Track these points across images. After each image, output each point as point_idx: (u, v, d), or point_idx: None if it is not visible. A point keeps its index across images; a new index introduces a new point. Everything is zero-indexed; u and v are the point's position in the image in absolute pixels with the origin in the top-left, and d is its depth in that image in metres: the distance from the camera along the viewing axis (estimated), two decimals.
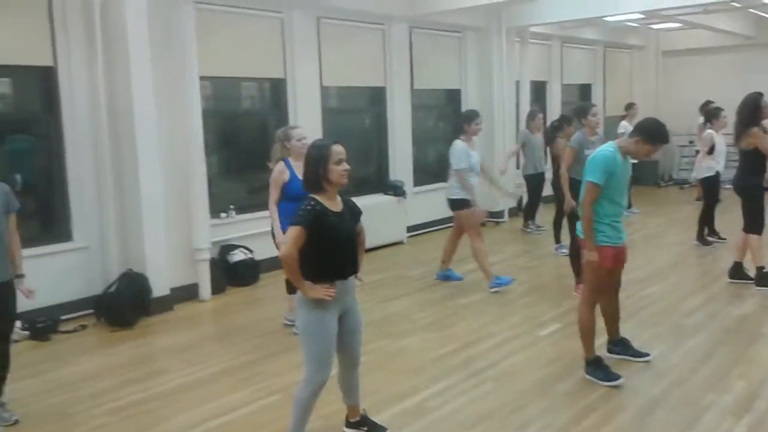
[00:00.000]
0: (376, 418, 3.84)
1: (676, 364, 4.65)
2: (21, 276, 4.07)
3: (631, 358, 4.68)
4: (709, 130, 7.96)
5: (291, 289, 5.35)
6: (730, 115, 7.27)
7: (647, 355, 4.70)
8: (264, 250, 6.64)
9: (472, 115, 6.60)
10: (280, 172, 5.21)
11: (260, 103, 8.32)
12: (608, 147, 4.31)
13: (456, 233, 6.89)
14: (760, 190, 6.23)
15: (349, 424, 3.79)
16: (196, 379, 4.68)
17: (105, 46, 5.96)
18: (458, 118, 6.71)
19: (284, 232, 5.00)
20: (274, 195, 5.22)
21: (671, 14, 10.74)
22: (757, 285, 6.21)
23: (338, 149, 3.32)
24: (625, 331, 4.88)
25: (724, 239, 8.16)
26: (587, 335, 4.42)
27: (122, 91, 6.02)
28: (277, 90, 7.88)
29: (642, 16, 11.10)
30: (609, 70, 13.61)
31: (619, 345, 4.75)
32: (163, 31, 6.25)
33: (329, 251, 3.32)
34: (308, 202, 3.30)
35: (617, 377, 4.32)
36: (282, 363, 4.89)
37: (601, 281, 4.36)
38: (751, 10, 11.53)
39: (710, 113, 8.17)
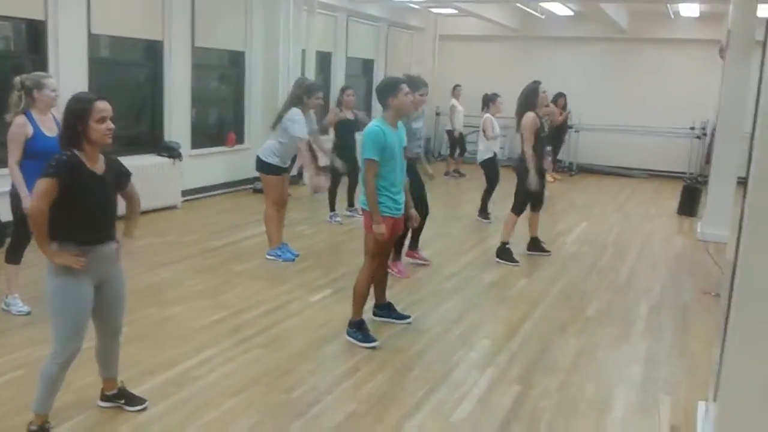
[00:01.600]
0: (137, 390, 3.66)
1: (432, 325, 5.02)
2: None
3: (394, 321, 4.97)
4: (487, 115, 8.54)
5: (12, 257, 4.84)
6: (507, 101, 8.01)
7: (408, 317, 5.02)
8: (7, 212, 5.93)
9: (314, 88, 6.47)
10: (21, 126, 4.51)
11: (14, 46, 7.37)
12: (374, 123, 4.49)
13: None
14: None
15: (104, 398, 3.56)
16: None
17: None
18: (297, 88, 6.45)
19: (14, 193, 4.56)
20: (15, 153, 4.49)
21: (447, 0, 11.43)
22: (498, 256, 6.81)
23: (102, 106, 3.04)
24: (391, 296, 5.14)
25: (489, 221, 8.81)
26: (360, 299, 4.60)
27: None
28: (34, 32, 7.03)
29: None
30: (390, 47, 14.14)
31: (384, 309, 5.01)
32: None
33: (81, 213, 3.04)
34: (63, 154, 3.00)
35: (373, 339, 4.54)
36: (27, 335, 4.44)
37: (381, 249, 4.58)
38: (517, 4, 12.66)
39: (488, 98, 8.79)
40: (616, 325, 5.22)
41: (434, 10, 14.06)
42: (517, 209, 6.80)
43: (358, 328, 4.59)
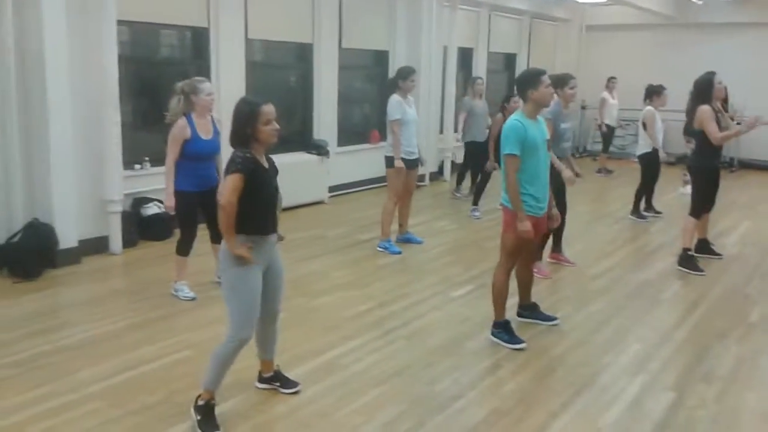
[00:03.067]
0: (290, 374, 3.87)
1: (578, 326, 4.87)
2: None
3: (540, 322, 4.85)
4: (649, 107, 8.09)
5: (182, 250, 5.18)
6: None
7: (555, 318, 4.89)
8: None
9: (407, 72, 6.56)
10: (181, 129, 4.89)
11: (181, 52, 8.01)
12: (514, 117, 4.36)
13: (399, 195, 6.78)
14: (713, 172, 6.26)
15: (262, 380, 3.80)
16: (103, 332, 4.56)
17: None
18: (395, 75, 6.66)
19: (178, 191, 4.95)
20: (173, 152, 4.90)
21: None
22: (680, 265, 6.29)
23: (268, 109, 3.29)
24: (535, 294, 5.05)
25: (660, 213, 8.44)
26: (499, 298, 4.53)
27: (32, 31, 5.66)
28: (199, 39, 7.61)
29: None
30: (534, 40, 13.83)
31: (528, 309, 4.92)
32: None
33: (258, 205, 3.30)
34: (243, 152, 3.27)
35: (521, 341, 4.46)
36: (193, 318, 4.83)
37: (519, 248, 4.44)
38: None
39: (652, 89, 8.25)
40: None
41: (581, 0, 13.57)
42: (696, 212, 6.27)
43: (503, 329, 4.53)
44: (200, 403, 3.41)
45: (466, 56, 12.02)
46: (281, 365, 3.85)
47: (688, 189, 8.46)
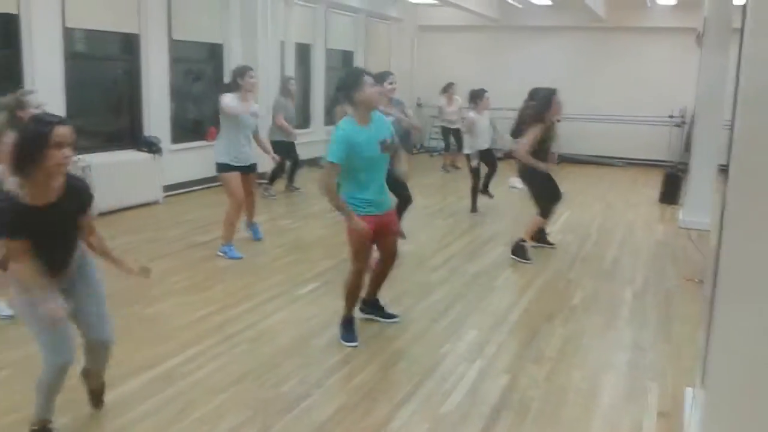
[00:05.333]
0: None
1: (419, 317, 5.02)
2: None
3: (380, 320, 4.85)
4: (471, 113, 8.49)
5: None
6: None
7: (396, 317, 4.89)
8: None
9: (244, 69, 6.30)
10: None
11: None
12: (341, 123, 4.29)
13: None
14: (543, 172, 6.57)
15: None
16: None
17: None
18: (232, 74, 6.39)
19: None
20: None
21: None
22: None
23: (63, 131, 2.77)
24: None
25: (492, 196, 8.95)
26: (351, 297, 4.49)
27: None
28: (9, 27, 6.90)
29: None
30: (369, 39, 14.08)
31: (371, 306, 4.89)
32: None
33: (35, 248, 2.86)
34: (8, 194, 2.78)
35: (353, 340, 4.45)
36: (8, 336, 4.37)
37: (363, 246, 4.37)
38: None
39: (475, 94, 8.62)
40: (602, 312, 5.27)
41: (413, 1, 14.01)
42: (545, 212, 6.65)
43: (347, 325, 4.52)
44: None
45: (304, 53, 11.98)
46: (114, 379, 3.59)
47: (518, 182, 9.09)
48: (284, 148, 9.00)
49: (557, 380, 4.05)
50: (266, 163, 8.40)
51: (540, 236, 7.04)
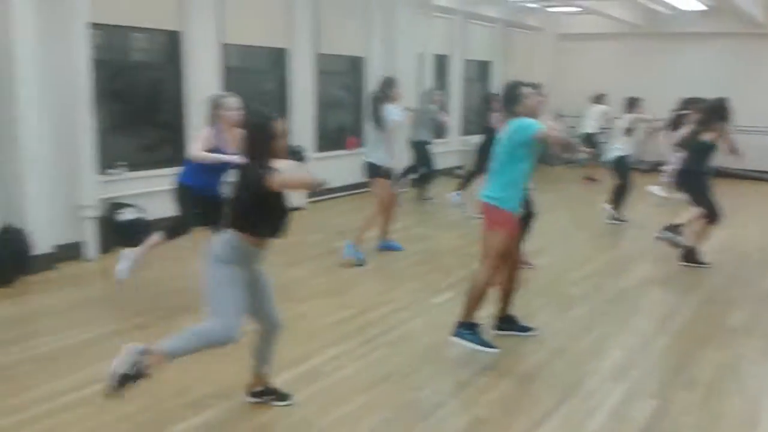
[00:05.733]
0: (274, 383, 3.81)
1: (559, 333, 4.88)
2: None
3: (518, 334, 4.74)
4: (627, 116, 8.31)
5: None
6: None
7: (532, 329, 4.76)
8: (157, 210, 6.38)
9: (393, 80, 6.65)
10: (206, 136, 5.02)
11: (156, 56, 7.90)
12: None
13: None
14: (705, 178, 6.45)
15: (254, 394, 3.70)
16: (81, 340, 4.46)
17: None
18: (382, 86, 6.64)
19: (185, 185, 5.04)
20: (198, 144, 4.98)
21: None
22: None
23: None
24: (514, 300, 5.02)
25: (625, 221, 8.48)
26: (476, 299, 4.33)
27: (1, 33, 5.52)
28: (172, 43, 7.50)
29: None
30: (509, 49, 13.94)
31: (507, 322, 4.77)
32: None
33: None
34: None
35: (492, 345, 4.31)
36: (170, 326, 4.72)
37: (507, 246, 4.35)
38: (641, 0, 12.15)
39: (633, 102, 8.51)
40: (763, 337, 4.89)
41: (552, 9, 13.73)
42: (714, 217, 6.41)
43: (472, 330, 4.32)
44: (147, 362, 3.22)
45: (441, 64, 12.07)
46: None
47: (658, 189, 8.69)
48: (421, 153, 9.14)
49: (712, 407, 3.80)
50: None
51: (692, 255, 6.62)
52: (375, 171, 6.52)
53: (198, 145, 5.01)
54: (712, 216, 6.38)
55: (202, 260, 3.34)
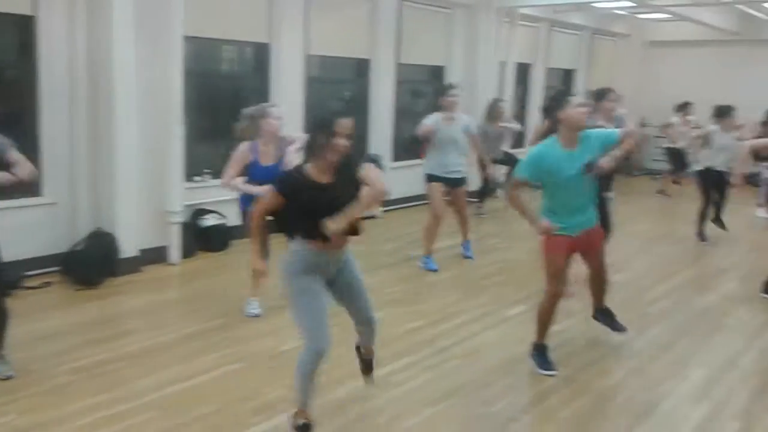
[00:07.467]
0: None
1: (638, 351, 4.72)
2: None
3: (610, 330, 4.71)
4: (713, 127, 7.93)
5: None
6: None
7: (626, 329, 4.71)
8: (236, 217, 6.58)
9: (446, 88, 6.64)
10: (242, 152, 4.96)
11: (243, 66, 8.18)
12: (542, 143, 4.25)
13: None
14: None
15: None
16: (161, 341, 4.65)
17: None
18: (436, 95, 6.73)
19: (244, 210, 5.00)
20: (230, 172, 4.94)
21: (661, 5, 10.75)
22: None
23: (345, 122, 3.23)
24: (586, 317, 4.90)
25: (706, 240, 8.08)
26: (541, 321, 4.38)
27: (103, 44, 5.85)
28: (260, 54, 7.75)
29: (632, 4, 11.10)
30: (593, 57, 13.61)
31: (602, 314, 4.74)
32: None
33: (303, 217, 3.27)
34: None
35: (551, 368, 4.28)
36: (249, 330, 4.87)
37: (554, 266, 4.29)
38: (737, 5, 11.61)
39: (721, 111, 8.01)
40: None
41: (641, 16, 13.30)
42: None
43: (538, 352, 4.38)
44: (297, 422, 3.38)
45: (523, 72, 11.92)
46: (332, 382, 3.85)
47: (764, 212, 8.13)
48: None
49: None
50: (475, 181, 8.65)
51: None
52: (424, 178, 6.70)
53: (230, 171, 4.95)
54: None
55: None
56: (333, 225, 3.13)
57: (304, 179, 3.23)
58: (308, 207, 3.21)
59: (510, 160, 9.25)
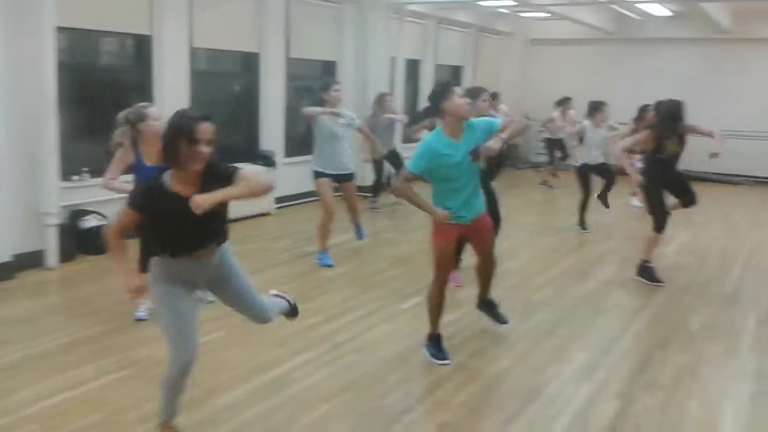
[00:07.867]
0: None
1: (523, 337, 4.92)
2: None
3: (493, 321, 4.86)
4: (586, 122, 8.30)
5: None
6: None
7: (506, 321, 4.86)
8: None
9: (328, 83, 6.57)
10: (124, 152, 4.73)
11: (123, 60, 7.82)
12: (429, 136, 4.34)
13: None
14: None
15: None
16: (40, 351, 4.37)
17: None
18: (318, 89, 6.65)
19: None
20: (112, 172, 4.74)
21: (542, 4, 11.24)
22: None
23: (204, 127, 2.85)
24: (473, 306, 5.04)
25: (587, 230, 8.45)
26: (432, 312, 4.46)
27: None
28: (141, 47, 7.43)
29: (514, 3, 11.53)
30: (479, 54, 14.03)
31: (486, 305, 4.87)
32: None
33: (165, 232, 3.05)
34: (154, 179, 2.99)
35: (445, 357, 4.38)
36: (134, 336, 4.67)
37: (442, 257, 4.38)
38: (612, 6, 12.32)
39: (594, 106, 8.35)
40: (722, 340, 4.96)
41: (524, 15, 13.85)
42: (659, 226, 6.17)
43: (432, 342, 4.47)
44: None
45: (413, 68, 12.11)
46: (226, 383, 3.77)
47: (637, 201, 8.68)
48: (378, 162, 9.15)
49: (672, 410, 3.86)
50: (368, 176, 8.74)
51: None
52: (312, 174, 6.65)
53: (111, 172, 4.74)
54: (657, 225, 6.20)
55: None
56: (200, 200, 2.77)
57: (164, 192, 2.92)
58: (168, 223, 2.93)
59: (396, 160, 9.38)
